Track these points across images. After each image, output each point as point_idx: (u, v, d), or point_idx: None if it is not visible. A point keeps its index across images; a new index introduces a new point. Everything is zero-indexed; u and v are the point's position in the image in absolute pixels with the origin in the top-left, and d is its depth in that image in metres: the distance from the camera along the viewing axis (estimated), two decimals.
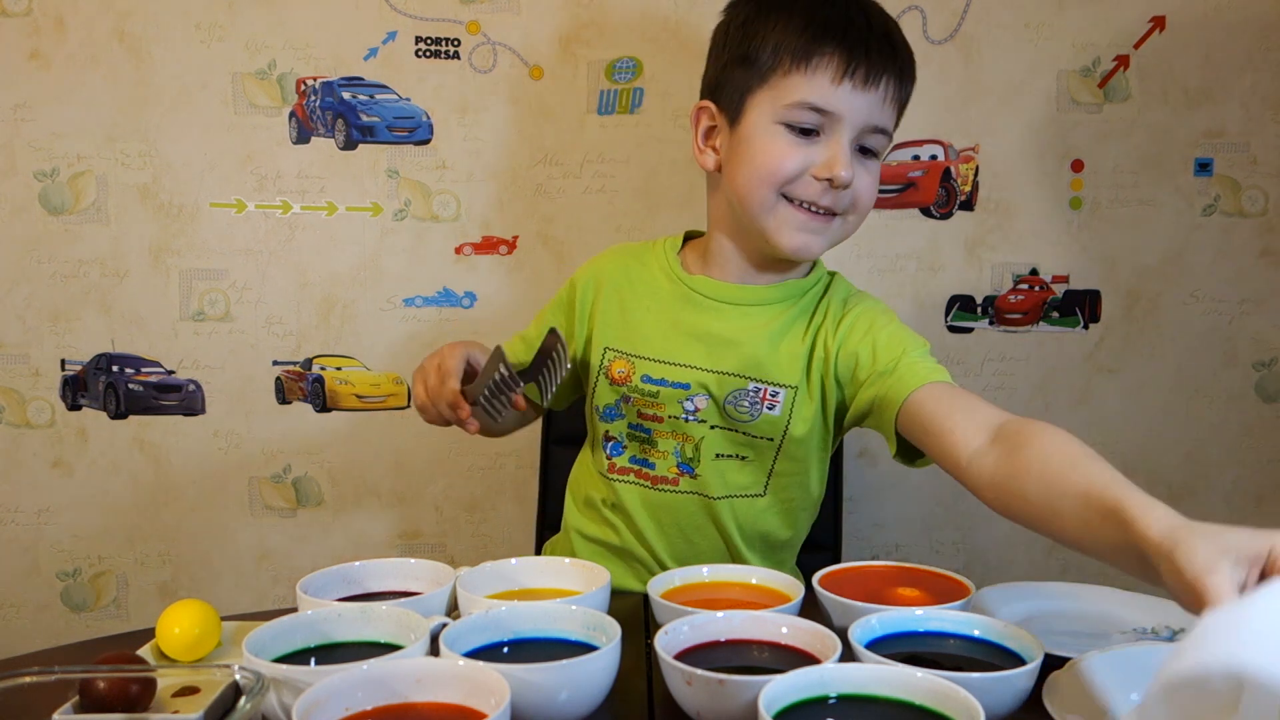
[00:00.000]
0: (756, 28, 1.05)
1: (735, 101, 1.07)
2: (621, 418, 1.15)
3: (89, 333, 1.59)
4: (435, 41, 1.56)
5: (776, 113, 1.03)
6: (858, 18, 1.03)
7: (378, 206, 1.59)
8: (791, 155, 1.03)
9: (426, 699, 0.69)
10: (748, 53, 1.05)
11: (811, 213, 1.05)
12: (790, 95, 1.02)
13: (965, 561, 1.67)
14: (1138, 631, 0.93)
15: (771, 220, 1.06)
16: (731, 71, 1.07)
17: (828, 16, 1.02)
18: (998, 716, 0.71)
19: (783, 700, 0.66)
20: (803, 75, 1.01)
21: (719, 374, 1.11)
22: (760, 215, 1.06)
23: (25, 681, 0.69)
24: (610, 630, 0.76)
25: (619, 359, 1.13)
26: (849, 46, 1.01)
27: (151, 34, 1.53)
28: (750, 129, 1.05)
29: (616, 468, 1.16)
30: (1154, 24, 1.58)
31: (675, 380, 1.11)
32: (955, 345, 1.64)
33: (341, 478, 1.64)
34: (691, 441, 1.12)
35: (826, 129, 1.03)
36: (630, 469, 1.15)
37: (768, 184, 1.04)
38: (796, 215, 1.05)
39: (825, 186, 1.03)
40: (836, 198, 1.04)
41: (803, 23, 1.02)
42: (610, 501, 1.17)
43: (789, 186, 1.04)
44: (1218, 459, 1.67)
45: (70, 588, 1.63)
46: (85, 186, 1.56)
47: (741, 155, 1.06)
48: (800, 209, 1.05)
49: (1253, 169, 1.61)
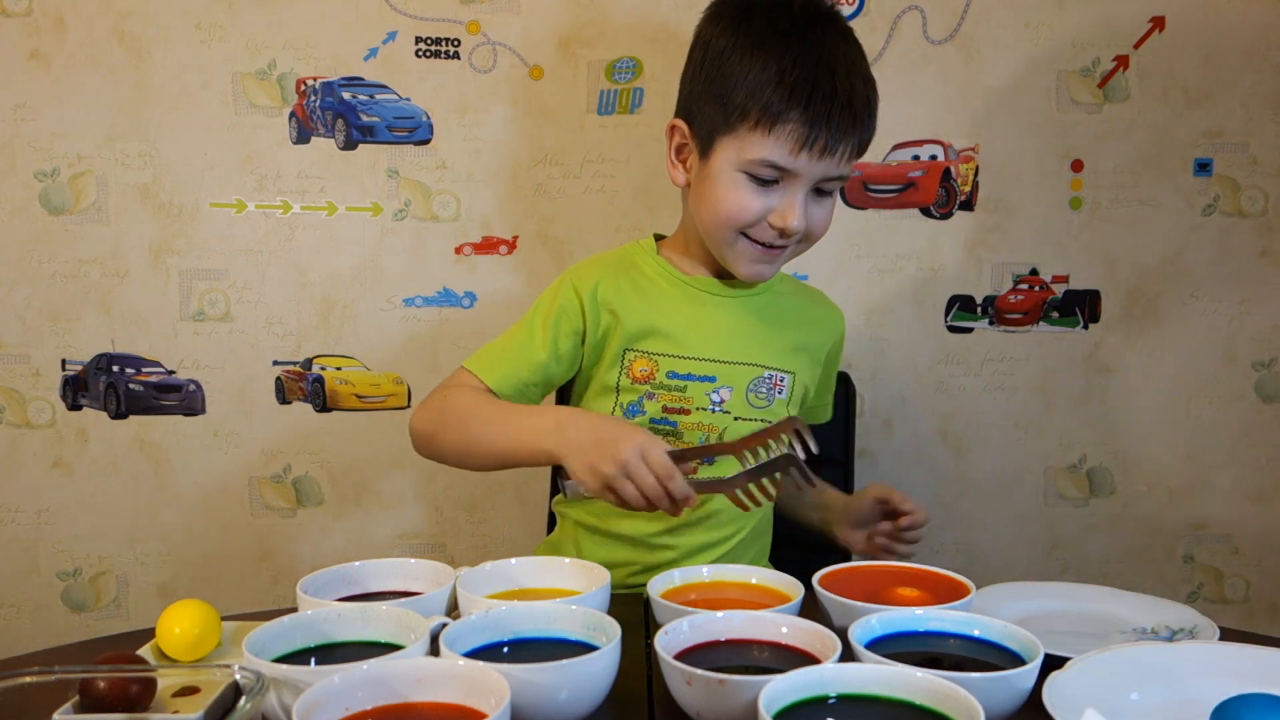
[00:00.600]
0: (732, 68, 1.08)
1: (705, 136, 1.12)
2: (644, 414, 1.16)
3: (89, 333, 1.59)
4: (435, 41, 1.56)
5: (740, 162, 1.09)
6: (824, 82, 1.06)
7: (378, 206, 1.59)
8: (750, 205, 1.10)
9: (426, 699, 0.69)
10: (721, 93, 1.09)
11: (766, 248, 1.13)
12: (753, 151, 1.07)
13: (965, 561, 1.67)
14: (1138, 631, 0.93)
15: (730, 252, 1.14)
16: (704, 105, 1.11)
17: (797, 79, 1.05)
18: (998, 716, 0.71)
19: (783, 700, 0.66)
20: (765, 137, 1.06)
21: (737, 364, 1.17)
22: (719, 247, 1.15)
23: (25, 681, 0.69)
24: (610, 630, 0.76)
25: (640, 358, 1.16)
26: (811, 117, 1.05)
27: (151, 34, 1.53)
28: (716, 169, 1.11)
29: None
30: (1154, 24, 1.58)
31: (701, 374, 1.16)
32: (955, 345, 1.64)
33: (341, 478, 1.64)
34: (716, 432, 1.17)
35: (784, 180, 1.09)
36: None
37: (728, 227, 1.12)
38: (753, 249, 1.13)
39: (778, 233, 1.11)
40: (788, 240, 1.12)
41: (774, 78, 1.06)
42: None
43: (747, 229, 1.12)
44: (1218, 459, 1.67)
45: (70, 588, 1.63)
46: (85, 186, 1.56)
47: (706, 191, 1.12)
48: (755, 245, 1.13)
49: (1253, 169, 1.61)
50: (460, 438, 1.11)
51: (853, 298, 1.62)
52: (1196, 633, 0.90)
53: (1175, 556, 1.69)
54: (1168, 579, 1.69)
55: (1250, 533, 1.68)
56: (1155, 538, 1.69)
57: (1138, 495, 1.68)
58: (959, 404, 1.65)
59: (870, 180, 1.61)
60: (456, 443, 1.11)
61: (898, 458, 1.66)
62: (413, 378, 1.62)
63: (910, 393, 1.65)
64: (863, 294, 1.63)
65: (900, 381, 1.65)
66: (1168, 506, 1.68)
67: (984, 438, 1.66)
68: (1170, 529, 1.68)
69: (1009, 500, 1.67)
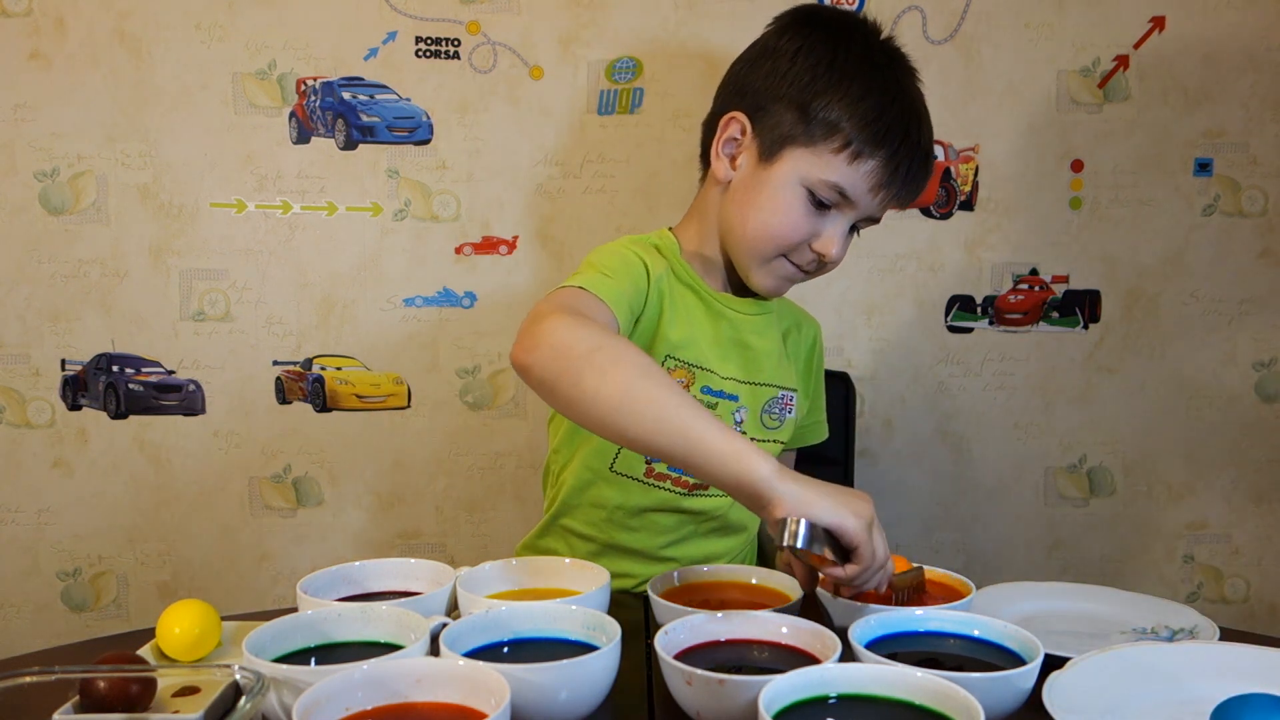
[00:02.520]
0: (825, 85, 1.05)
1: (774, 141, 1.08)
2: None
3: (89, 333, 1.59)
4: (435, 41, 1.56)
5: (808, 178, 1.06)
6: (913, 132, 1.07)
7: (378, 206, 1.59)
8: (802, 225, 1.07)
9: (426, 699, 0.69)
10: (807, 108, 1.06)
11: (796, 268, 1.11)
12: (829, 173, 1.05)
13: (965, 561, 1.67)
14: (1138, 631, 0.93)
15: (762, 268, 1.11)
16: (782, 111, 1.07)
17: (890, 121, 1.05)
18: (998, 716, 0.71)
19: (783, 700, 0.66)
20: (848, 165, 1.05)
21: (756, 385, 1.17)
22: (752, 259, 1.11)
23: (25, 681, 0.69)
24: (610, 630, 0.76)
25: (680, 368, 1.12)
26: (894, 164, 1.06)
27: (151, 34, 1.53)
28: (779, 177, 1.07)
29: (655, 473, 1.14)
30: (1154, 24, 1.58)
31: (729, 392, 1.14)
32: (955, 345, 1.64)
33: (341, 478, 1.64)
34: None
35: (837, 209, 1.08)
36: (669, 475, 1.14)
37: (774, 243, 1.09)
38: (785, 268, 1.11)
39: (816, 258, 1.10)
40: (820, 266, 1.11)
41: (871, 113, 1.05)
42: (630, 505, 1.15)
43: (790, 250, 1.10)
44: (1218, 459, 1.67)
45: (70, 588, 1.63)
46: (85, 186, 1.56)
47: (759, 198, 1.08)
48: (789, 264, 1.11)
49: (1253, 169, 1.61)
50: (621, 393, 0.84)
51: (852, 298, 1.63)
52: (1196, 633, 0.90)
53: (1175, 556, 1.69)
54: (1168, 579, 1.69)
55: (1250, 533, 1.69)
56: (1155, 538, 1.69)
57: (1138, 495, 1.68)
58: (959, 404, 1.65)
59: None
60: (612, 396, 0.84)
61: (898, 458, 1.66)
62: (413, 378, 1.62)
63: (910, 393, 1.65)
64: (863, 294, 1.63)
65: (900, 381, 1.65)
66: (1168, 506, 1.68)
67: (984, 438, 1.66)
68: (1170, 529, 1.68)
69: (1009, 500, 1.67)
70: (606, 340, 0.87)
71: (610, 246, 1.10)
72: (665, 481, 1.14)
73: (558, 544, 1.21)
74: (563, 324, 0.88)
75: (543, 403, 1.62)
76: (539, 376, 0.88)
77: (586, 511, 1.18)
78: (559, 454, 1.21)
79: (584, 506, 1.18)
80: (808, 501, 0.81)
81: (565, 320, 0.89)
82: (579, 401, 0.86)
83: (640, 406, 0.84)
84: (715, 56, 1.56)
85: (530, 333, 0.89)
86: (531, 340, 0.89)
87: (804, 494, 0.81)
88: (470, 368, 1.62)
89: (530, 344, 0.89)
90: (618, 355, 0.86)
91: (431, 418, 1.63)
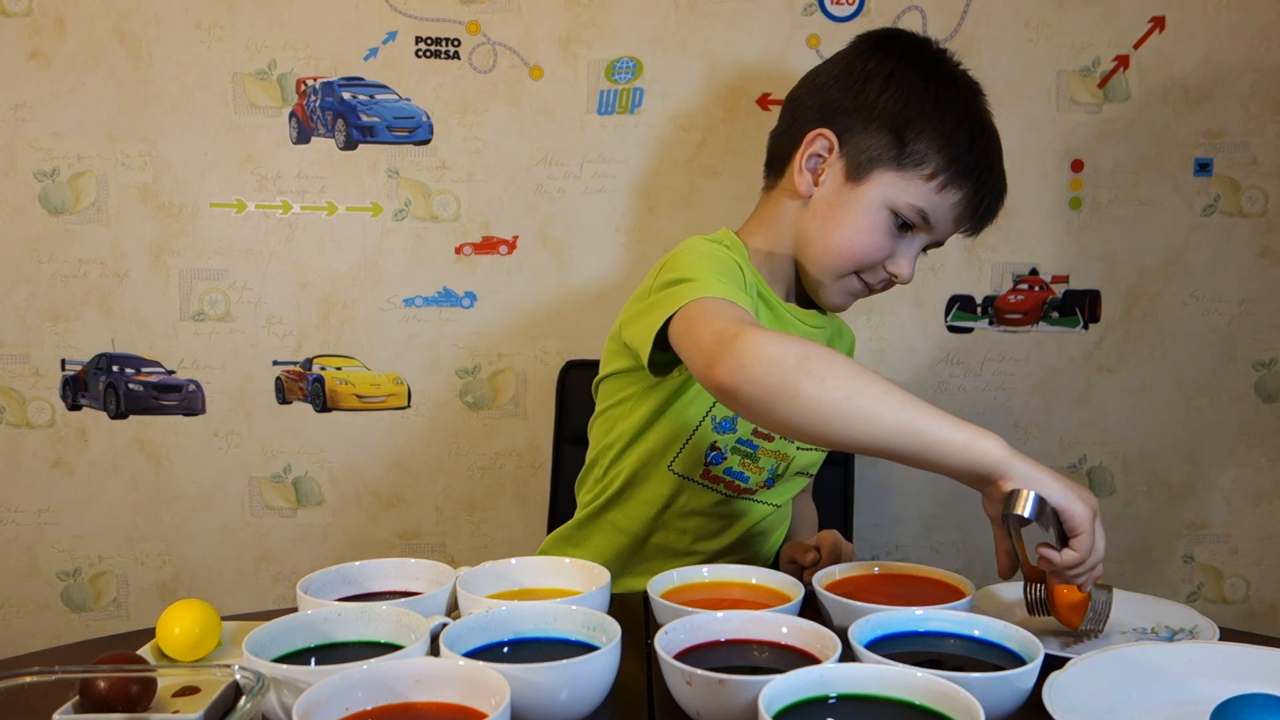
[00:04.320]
0: (917, 115, 1.08)
1: (863, 161, 1.10)
2: (735, 431, 1.15)
3: (89, 333, 1.59)
4: (435, 41, 1.56)
5: (895, 201, 1.09)
6: (996, 164, 1.13)
7: (378, 206, 1.59)
8: (883, 245, 1.11)
9: (426, 699, 0.69)
10: (901, 134, 1.08)
11: (866, 286, 1.15)
12: (915, 198, 1.09)
13: (965, 561, 1.67)
14: (1138, 631, 0.93)
15: (834, 285, 1.14)
16: (875, 133, 1.09)
17: (978, 156, 1.10)
18: (998, 716, 0.71)
19: (783, 700, 0.66)
20: (935, 192, 1.09)
21: None
22: (827, 274, 1.14)
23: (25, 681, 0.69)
24: (610, 630, 0.76)
25: None
26: (980, 195, 1.11)
27: (151, 34, 1.53)
28: (865, 198, 1.10)
29: (710, 474, 1.16)
30: (1154, 24, 1.58)
31: None
32: (955, 345, 1.64)
33: (341, 478, 1.64)
34: (786, 460, 1.18)
35: (916, 230, 1.11)
36: (722, 479, 1.17)
37: (854, 261, 1.12)
38: (855, 285, 1.15)
39: (888, 279, 1.14)
40: (887, 286, 1.15)
41: (962, 147, 1.08)
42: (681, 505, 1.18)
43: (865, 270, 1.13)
44: (1218, 459, 1.67)
45: (70, 588, 1.63)
46: (85, 186, 1.56)
47: (845, 217, 1.11)
48: (860, 282, 1.14)
49: (1253, 169, 1.61)
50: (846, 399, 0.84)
51: None
52: (1196, 633, 0.90)
53: (1175, 556, 1.69)
54: (1168, 579, 1.69)
55: (1250, 533, 1.69)
56: (1155, 538, 1.69)
57: (1138, 495, 1.68)
58: (959, 404, 1.65)
59: None
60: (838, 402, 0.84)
61: None
62: (413, 378, 1.62)
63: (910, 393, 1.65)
64: None
65: (900, 381, 1.65)
66: (1168, 506, 1.68)
67: None
68: (1170, 529, 1.68)
69: None
70: (812, 348, 0.87)
71: (703, 250, 1.08)
72: (719, 484, 1.17)
73: (598, 537, 1.23)
74: (761, 337, 0.87)
75: (543, 403, 1.62)
76: (750, 394, 0.86)
77: (636, 507, 1.19)
78: (612, 449, 1.21)
79: (635, 502, 1.19)
80: (1040, 480, 0.82)
81: (761, 334, 0.88)
82: (799, 414, 0.85)
83: (866, 410, 0.84)
84: (715, 56, 1.56)
85: (728, 352, 0.87)
86: (735, 360, 0.86)
87: (1037, 473, 0.83)
88: (470, 368, 1.62)
89: (735, 364, 0.86)
90: (830, 361, 0.86)
91: (431, 418, 1.63)
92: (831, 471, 1.47)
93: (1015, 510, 0.81)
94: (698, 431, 1.14)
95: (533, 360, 1.62)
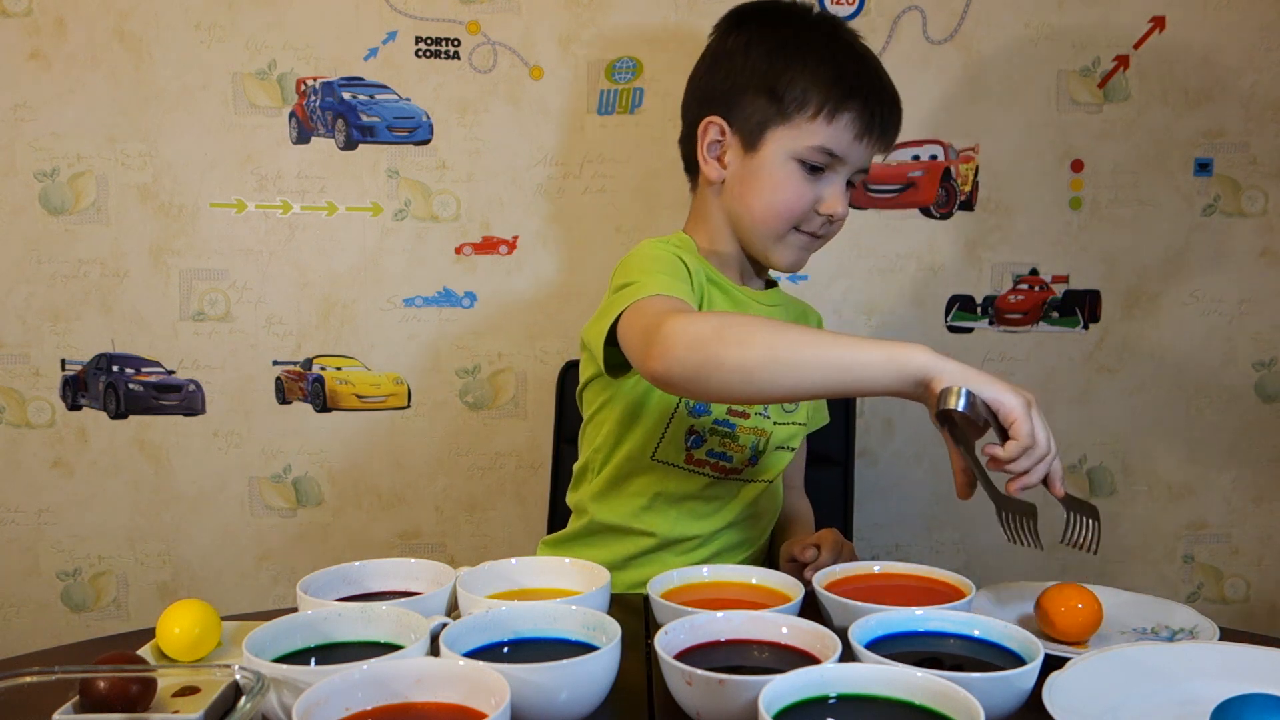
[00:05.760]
0: (784, 66, 1.13)
1: (752, 130, 1.14)
2: (709, 413, 1.17)
3: (89, 333, 1.59)
4: (435, 41, 1.56)
5: (794, 150, 1.13)
6: (876, 81, 1.15)
7: (378, 206, 1.59)
8: (804, 194, 1.14)
9: (426, 699, 0.69)
10: (774, 88, 1.13)
11: (810, 236, 1.18)
12: (812, 139, 1.12)
13: (965, 561, 1.67)
14: (1138, 631, 0.93)
15: (779, 245, 1.17)
16: (753, 99, 1.14)
17: (856, 74, 1.13)
18: (998, 716, 0.71)
19: (783, 700, 0.66)
20: (828, 125, 1.12)
21: None
22: (767, 240, 1.17)
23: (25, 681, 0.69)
24: (610, 630, 0.76)
25: None
26: (870, 109, 1.13)
27: (151, 34, 1.53)
28: (767, 161, 1.14)
29: (694, 459, 1.18)
30: (1154, 24, 1.58)
31: None
32: (955, 345, 1.64)
33: (341, 478, 1.64)
34: (765, 436, 1.20)
35: (832, 168, 1.14)
36: (707, 461, 1.19)
37: (783, 219, 1.15)
38: (797, 239, 1.18)
39: (825, 220, 1.16)
40: (828, 226, 1.18)
41: (833, 75, 1.12)
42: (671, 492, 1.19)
43: (800, 222, 1.16)
44: (1218, 459, 1.67)
45: (70, 588, 1.63)
46: (85, 186, 1.56)
47: (757, 184, 1.15)
48: (802, 235, 1.17)
49: (1253, 169, 1.61)
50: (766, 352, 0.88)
51: (853, 298, 1.62)
52: (1196, 633, 0.90)
53: (1175, 556, 1.69)
54: (1168, 579, 1.69)
55: (1250, 533, 1.69)
56: (1155, 538, 1.69)
57: (1138, 495, 1.68)
58: None
59: (870, 180, 1.60)
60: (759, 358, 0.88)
61: (898, 458, 1.66)
62: (413, 378, 1.62)
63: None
64: (863, 294, 1.63)
65: None
66: (1168, 506, 1.68)
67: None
68: (1170, 529, 1.68)
69: None
70: (728, 318, 0.93)
71: (648, 253, 1.12)
72: (704, 467, 1.18)
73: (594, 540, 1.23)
74: (680, 321, 0.92)
75: (543, 403, 1.62)
76: (681, 375, 0.90)
77: (627, 501, 1.20)
78: (600, 452, 1.23)
79: (625, 496, 1.21)
80: (970, 376, 0.85)
81: (681, 318, 0.92)
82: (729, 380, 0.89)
83: (787, 357, 0.88)
84: None
85: (654, 341, 0.91)
86: (660, 348, 0.91)
87: (965, 370, 0.85)
88: (470, 368, 1.62)
89: (660, 350, 0.91)
90: (745, 323, 0.91)
91: (431, 418, 1.63)
92: (831, 471, 1.48)
93: (947, 405, 0.82)
94: (674, 419, 1.16)
95: (533, 360, 1.62)
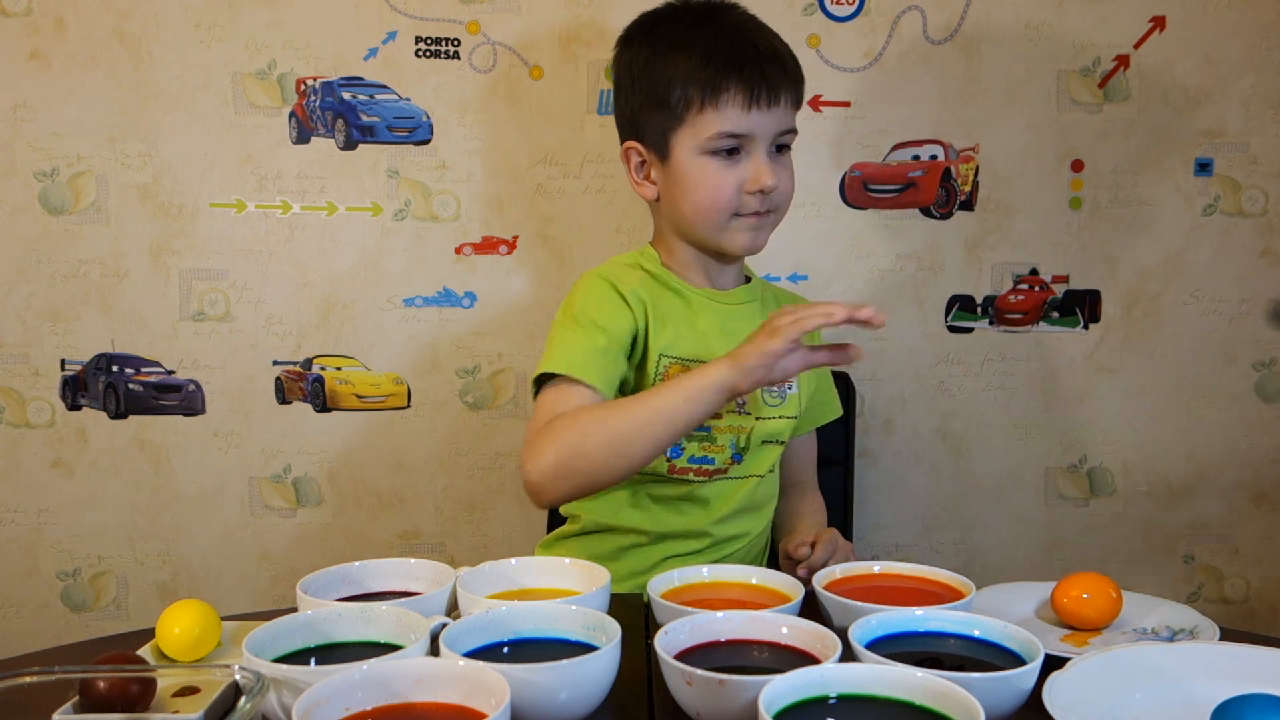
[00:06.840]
0: (659, 70, 1.16)
1: (659, 141, 1.18)
2: None
3: (89, 333, 1.59)
4: (435, 41, 1.56)
5: (699, 145, 1.15)
6: (747, 47, 1.15)
7: (378, 206, 1.59)
8: (724, 183, 1.16)
9: (426, 699, 0.69)
10: (658, 95, 1.16)
11: (755, 215, 1.19)
12: (707, 129, 1.14)
13: (965, 561, 1.67)
14: (1138, 631, 0.93)
15: (724, 234, 1.19)
16: (648, 114, 1.18)
17: (724, 52, 1.14)
18: (998, 716, 0.71)
19: (783, 700, 0.66)
20: (714, 110, 1.14)
21: None
22: (713, 232, 1.19)
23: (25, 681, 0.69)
24: (610, 630, 0.76)
25: (674, 364, 1.18)
26: (748, 78, 1.13)
27: (151, 34, 1.53)
28: (681, 165, 1.17)
29: (676, 469, 1.19)
30: (1154, 24, 1.58)
31: None
32: (955, 345, 1.64)
33: (341, 478, 1.64)
34: (745, 433, 1.21)
35: (745, 147, 1.16)
36: (690, 468, 1.19)
37: (716, 212, 1.17)
38: (741, 222, 1.19)
39: (760, 196, 1.17)
40: (768, 200, 1.18)
41: (701, 60, 1.14)
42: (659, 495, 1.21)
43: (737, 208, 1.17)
44: (1218, 459, 1.67)
45: (70, 588, 1.63)
46: (85, 186, 1.56)
47: (681, 189, 1.18)
48: (745, 218, 1.19)
49: (1253, 169, 1.61)
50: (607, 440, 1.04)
51: (853, 297, 1.62)
52: (1196, 633, 0.90)
53: (1175, 556, 1.69)
54: (1168, 579, 1.69)
55: (1250, 533, 1.69)
56: (1155, 538, 1.69)
57: (1138, 495, 1.68)
58: (959, 404, 1.65)
59: (870, 180, 1.61)
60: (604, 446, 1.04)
61: (898, 458, 1.67)
62: (413, 378, 1.62)
63: (910, 393, 1.65)
64: (863, 294, 1.63)
65: (900, 381, 1.65)
66: (1168, 506, 1.68)
67: (984, 438, 1.66)
68: (1170, 529, 1.68)
69: (1009, 500, 1.67)
70: (557, 421, 1.06)
71: (582, 293, 1.19)
72: (688, 474, 1.20)
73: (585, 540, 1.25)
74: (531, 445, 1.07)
75: None
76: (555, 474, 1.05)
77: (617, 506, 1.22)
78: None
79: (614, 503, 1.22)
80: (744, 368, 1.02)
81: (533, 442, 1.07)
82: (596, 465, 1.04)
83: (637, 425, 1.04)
84: None
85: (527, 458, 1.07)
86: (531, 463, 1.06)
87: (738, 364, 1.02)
88: (470, 368, 1.62)
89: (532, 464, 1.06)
90: (575, 419, 1.05)
91: (431, 418, 1.63)
92: (831, 471, 1.47)
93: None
94: None
95: (533, 360, 1.62)
